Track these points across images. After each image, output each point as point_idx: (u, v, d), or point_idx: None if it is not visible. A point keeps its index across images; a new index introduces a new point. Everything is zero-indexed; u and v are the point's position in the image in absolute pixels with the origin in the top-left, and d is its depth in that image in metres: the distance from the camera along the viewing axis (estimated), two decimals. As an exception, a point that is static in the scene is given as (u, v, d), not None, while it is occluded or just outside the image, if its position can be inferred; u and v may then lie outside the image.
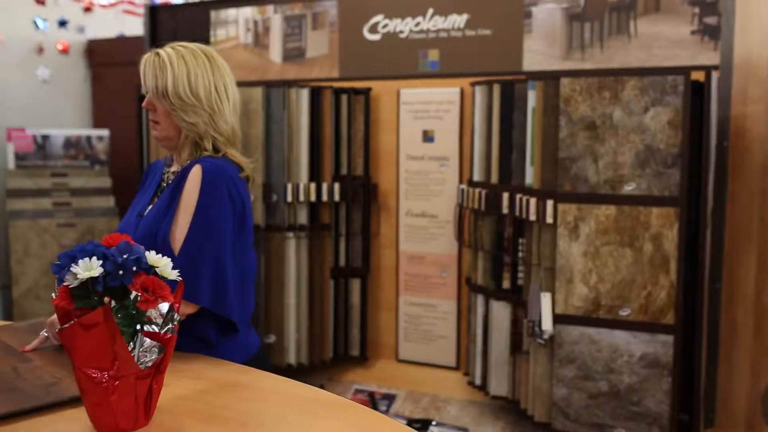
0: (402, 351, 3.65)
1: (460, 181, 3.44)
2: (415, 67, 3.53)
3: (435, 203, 3.50)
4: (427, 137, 3.49)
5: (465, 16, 3.41)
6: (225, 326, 1.75)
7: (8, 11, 4.68)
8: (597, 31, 3.17)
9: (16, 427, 1.31)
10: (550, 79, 2.84)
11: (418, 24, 3.50)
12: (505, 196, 3.05)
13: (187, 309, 1.65)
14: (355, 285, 3.63)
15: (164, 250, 1.60)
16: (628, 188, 2.69)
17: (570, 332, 2.78)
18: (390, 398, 3.49)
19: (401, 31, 3.54)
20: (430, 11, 3.47)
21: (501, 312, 3.13)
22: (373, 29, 3.59)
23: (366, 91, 3.55)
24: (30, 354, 1.67)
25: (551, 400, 2.84)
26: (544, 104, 2.85)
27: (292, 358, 3.50)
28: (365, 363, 3.68)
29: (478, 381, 3.28)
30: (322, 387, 3.29)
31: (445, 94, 3.44)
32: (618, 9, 3.12)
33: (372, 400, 3.47)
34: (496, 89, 3.11)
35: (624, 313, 2.71)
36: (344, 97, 3.53)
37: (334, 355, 3.63)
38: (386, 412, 3.36)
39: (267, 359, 1.92)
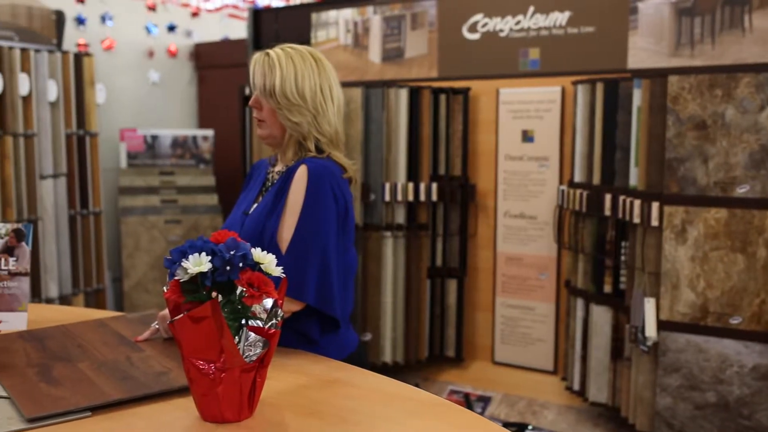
0: (498, 353, 3.60)
1: (561, 182, 3.37)
2: (515, 66, 3.48)
3: (534, 204, 3.44)
4: (527, 137, 3.44)
5: (567, 14, 3.34)
6: (327, 324, 1.77)
7: (122, 18, 4.92)
8: (708, 26, 3.03)
9: (130, 412, 1.38)
10: (657, 76, 2.74)
11: (518, 22, 3.45)
12: (608, 197, 2.96)
13: (293, 306, 1.68)
14: (452, 285, 3.62)
15: (271, 248, 1.64)
16: (741, 190, 2.56)
17: (675, 339, 2.67)
18: (485, 400, 3.46)
19: (501, 30, 3.50)
20: (531, 9, 3.41)
21: (601, 316, 3.05)
22: (473, 28, 3.57)
23: (465, 91, 3.53)
24: (142, 344, 1.74)
25: (654, 410, 2.74)
26: (651, 103, 2.75)
27: (387, 357, 3.52)
28: (460, 364, 3.66)
29: (576, 386, 3.20)
30: (416, 386, 3.29)
31: (545, 93, 3.38)
32: (731, 2, 2.98)
33: (467, 402, 3.45)
34: (600, 88, 3.03)
35: (735, 321, 2.59)
36: (443, 97, 3.52)
37: (430, 355, 3.63)
38: (481, 415, 3.33)
39: (365, 357, 1.94)
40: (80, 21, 4.65)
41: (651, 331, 2.69)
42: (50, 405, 1.35)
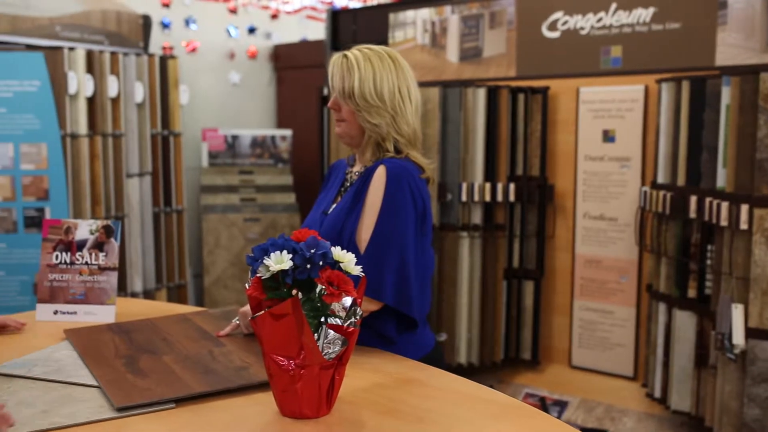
0: (575, 357, 3.53)
1: (643, 183, 3.28)
2: (596, 64, 3.40)
3: (614, 205, 3.36)
4: (608, 137, 3.36)
5: (651, 10, 3.24)
6: (404, 323, 1.78)
7: (205, 21, 5.05)
8: (803, 21, 2.89)
9: (211, 405, 1.41)
10: (748, 74, 2.63)
11: (600, 20, 3.37)
12: (693, 199, 2.87)
13: (371, 306, 1.69)
14: (529, 287, 3.57)
15: (350, 248, 1.65)
16: (838, 193, 2.44)
17: (765, 348, 2.56)
18: (562, 405, 3.39)
19: (582, 28, 3.43)
20: (613, 6, 3.33)
21: (685, 322, 2.95)
22: (553, 26, 3.51)
23: (544, 90, 3.48)
24: (223, 339, 1.78)
25: (741, 421, 2.63)
26: (741, 101, 2.65)
27: (462, 358, 3.50)
28: (536, 367, 3.61)
29: (657, 393, 3.11)
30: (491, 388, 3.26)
31: (627, 92, 3.30)
32: (829, -4, 2.84)
33: (543, 406, 3.39)
34: (685, 86, 2.94)
35: (830, 330, 2.46)
36: (521, 97, 3.48)
37: (505, 357, 3.59)
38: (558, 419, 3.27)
39: (442, 357, 1.93)
40: (165, 25, 4.80)
41: (738, 338, 2.58)
42: (137, 395, 1.40)
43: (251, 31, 5.36)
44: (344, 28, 4.26)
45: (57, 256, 2.07)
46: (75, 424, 1.32)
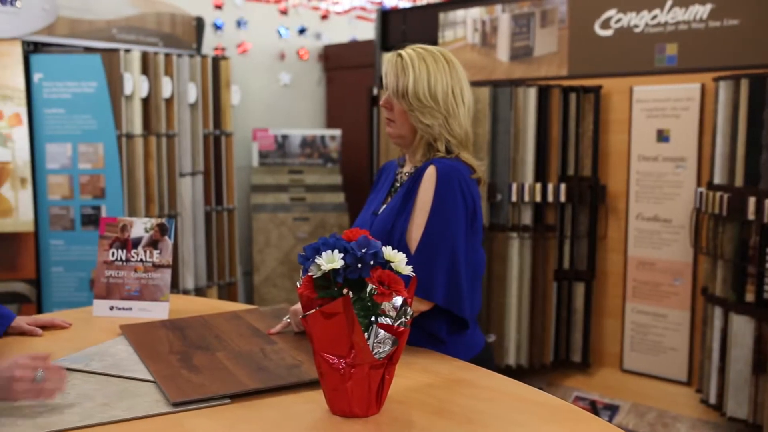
0: (627, 360, 3.47)
1: (698, 184, 3.20)
2: (650, 62, 3.34)
3: (669, 207, 3.30)
4: (662, 137, 3.30)
5: (708, 7, 3.17)
6: (454, 324, 1.77)
7: (256, 23, 5.11)
8: None
9: (264, 402, 1.43)
10: (810, 71, 2.56)
11: (654, 17, 3.31)
12: (752, 200, 2.79)
13: (421, 306, 1.69)
14: (579, 289, 3.52)
15: (400, 248, 1.65)
16: None
17: (827, 354, 2.48)
18: (613, 409, 3.34)
19: (636, 26, 3.37)
20: (669, 3, 3.27)
21: (742, 327, 2.87)
22: (605, 25, 3.45)
23: (596, 89, 3.43)
24: (274, 336, 1.80)
25: (801, 428, 2.56)
26: (802, 100, 2.57)
27: (511, 359, 3.47)
28: (587, 370, 3.56)
29: (712, 400, 3.04)
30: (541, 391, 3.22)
31: (683, 91, 3.23)
32: None
33: (593, 409, 3.35)
34: (744, 84, 2.86)
35: None
36: (573, 96, 3.44)
37: (555, 360, 3.55)
38: (609, 423, 3.22)
39: (492, 358, 1.92)
40: (217, 26, 4.87)
41: (799, 344, 2.51)
42: (192, 391, 1.42)
43: (301, 31, 5.41)
44: (394, 28, 4.27)
45: (113, 254, 2.12)
46: (133, 417, 1.35)
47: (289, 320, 1.85)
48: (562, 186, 3.41)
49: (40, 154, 3.67)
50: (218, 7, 4.89)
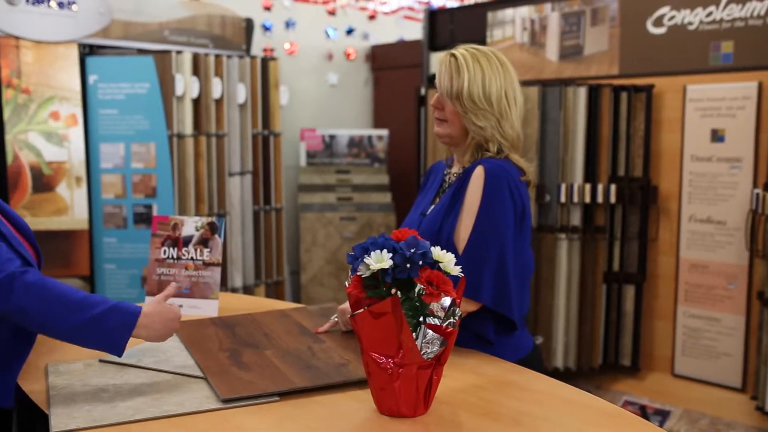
0: (678, 365, 3.40)
1: (755, 185, 3.12)
2: (704, 60, 3.27)
3: (723, 208, 3.22)
4: (717, 137, 3.22)
5: (766, 3, 3.08)
6: (502, 325, 1.76)
7: (304, 23, 5.15)
8: None
9: (312, 400, 1.44)
10: None
11: (709, 14, 3.24)
12: (811, 202, 2.71)
13: (469, 307, 1.68)
14: (629, 291, 3.46)
15: (448, 248, 1.65)
16: None
17: None
18: (663, 415, 3.28)
19: (690, 23, 3.30)
20: (724, 0, 3.19)
21: (800, 332, 2.79)
22: (658, 22, 3.39)
23: (648, 88, 3.37)
24: (322, 335, 1.81)
25: None
26: None
27: (559, 362, 3.43)
28: (636, 374, 3.50)
29: (768, 407, 2.96)
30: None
31: (739, 90, 3.15)
32: None
33: (643, 414, 3.29)
34: (803, 83, 2.78)
35: None
36: (624, 95, 3.38)
37: (603, 363, 3.49)
38: (659, 429, 3.16)
39: (540, 361, 1.90)
40: (266, 28, 4.92)
41: None
42: (242, 388, 1.44)
43: (349, 32, 5.43)
44: (441, 28, 4.26)
45: (165, 251, 2.15)
46: (184, 413, 1.37)
47: (336, 319, 1.86)
48: (612, 187, 3.36)
49: (94, 154, 3.76)
50: (267, 8, 4.94)
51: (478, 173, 1.72)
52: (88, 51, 3.74)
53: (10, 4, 3.40)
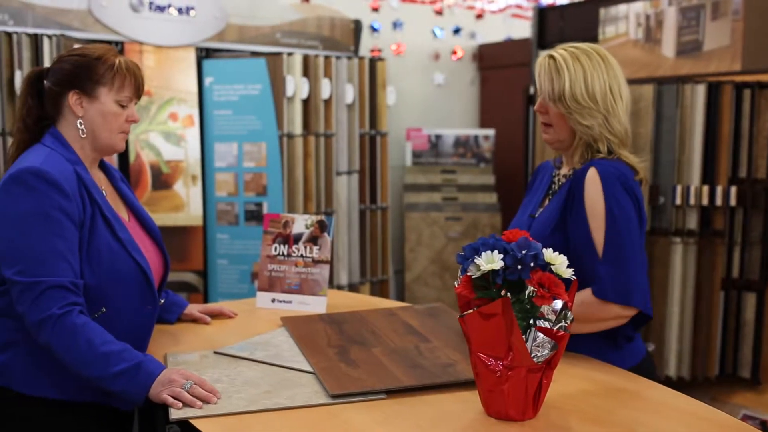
0: (804, 379, 3.20)
1: None
2: (837, 55, 3.06)
3: None
4: None
5: None
6: (629, 328, 1.71)
7: (411, 24, 5.17)
8: None
9: (419, 399, 1.44)
10: None
11: (844, 5, 3.03)
12: None
13: (624, 312, 1.65)
14: (750, 299, 3.28)
15: (561, 251, 1.60)
16: None
17: None
18: (786, 431, 3.09)
19: (821, 15, 3.10)
20: None
21: None
22: (786, 15, 3.20)
23: (773, 85, 3.18)
24: (428, 335, 1.81)
25: None
26: None
27: (671, 370, 3.30)
28: (757, 387, 3.31)
29: None
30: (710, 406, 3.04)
31: None
32: None
33: (764, 431, 3.11)
34: None
35: None
36: (746, 92, 3.21)
37: (720, 374, 3.33)
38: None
39: (654, 369, 1.83)
40: (374, 29, 4.97)
41: None
42: (350, 384, 1.46)
43: (456, 31, 5.41)
44: (551, 26, 4.17)
45: (276, 248, 2.21)
46: (294, 406, 1.41)
47: None
48: (733, 189, 3.20)
49: (209, 153, 3.91)
50: (375, 9, 4.99)
51: (592, 176, 1.67)
52: (204, 54, 3.89)
53: (135, 11, 3.58)
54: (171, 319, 1.97)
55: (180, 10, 3.74)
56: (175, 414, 1.38)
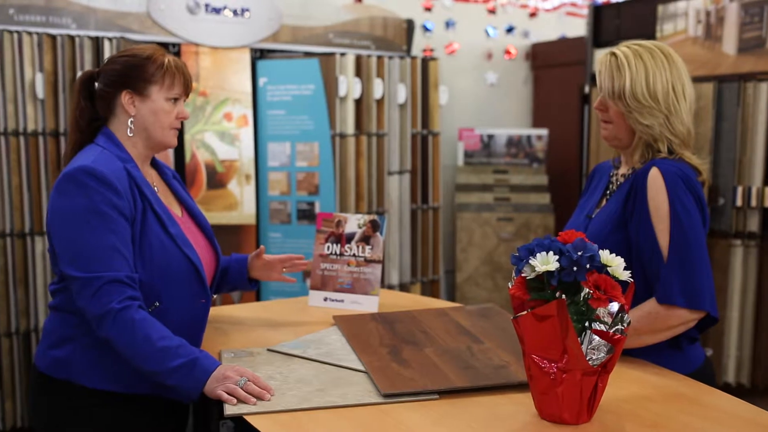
0: None
1: None
2: None
3: None
4: None
5: None
6: (693, 332, 1.67)
7: (464, 23, 5.14)
8: None
9: (471, 400, 1.43)
10: None
11: None
12: None
13: (692, 315, 1.62)
14: (814, 305, 3.18)
15: (619, 253, 1.56)
16: None
17: None
18: None
19: None
20: None
21: None
22: None
23: (841, 83, 3.07)
24: (481, 336, 1.80)
25: None
26: None
27: (730, 377, 3.21)
28: (821, 395, 3.20)
29: None
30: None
31: None
32: None
33: (829, 440, 3.00)
34: None
35: None
36: (812, 91, 3.11)
37: (783, 381, 3.23)
38: None
39: (713, 375, 1.78)
40: (426, 28, 4.97)
41: None
42: (402, 384, 1.46)
43: (509, 30, 5.36)
44: (607, 24, 4.10)
45: (328, 247, 2.22)
46: (347, 405, 1.41)
47: None
48: (797, 190, 3.10)
49: (262, 153, 3.96)
50: (428, 9, 4.98)
51: (655, 175, 1.64)
52: (258, 55, 3.94)
53: (191, 13, 3.65)
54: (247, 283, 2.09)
55: (235, 12, 3.79)
56: (229, 410, 1.40)
